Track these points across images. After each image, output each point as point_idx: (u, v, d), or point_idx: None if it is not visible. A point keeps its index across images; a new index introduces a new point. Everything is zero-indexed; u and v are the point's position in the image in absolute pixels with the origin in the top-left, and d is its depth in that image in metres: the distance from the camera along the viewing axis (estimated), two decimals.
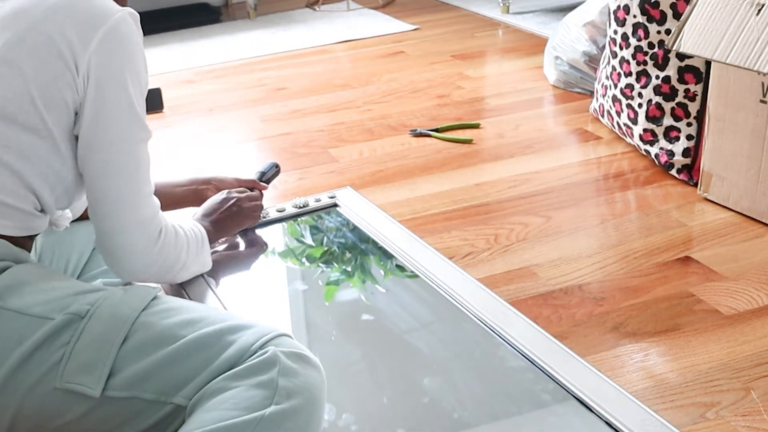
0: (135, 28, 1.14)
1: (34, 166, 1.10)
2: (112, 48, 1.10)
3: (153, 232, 1.18)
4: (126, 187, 1.14)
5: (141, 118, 1.15)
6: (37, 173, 1.10)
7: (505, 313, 1.38)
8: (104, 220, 1.15)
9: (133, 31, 1.14)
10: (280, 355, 0.97)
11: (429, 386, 1.28)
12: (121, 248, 1.16)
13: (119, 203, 1.14)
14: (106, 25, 1.09)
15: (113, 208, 1.14)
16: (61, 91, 1.09)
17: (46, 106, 1.08)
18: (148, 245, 1.17)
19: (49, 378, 0.96)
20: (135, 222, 1.15)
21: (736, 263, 1.57)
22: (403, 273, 1.56)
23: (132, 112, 1.13)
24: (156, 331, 1.00)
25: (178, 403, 0.96)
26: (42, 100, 1.08)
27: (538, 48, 2.94)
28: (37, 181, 1.10)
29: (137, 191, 1.15)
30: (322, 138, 2.31)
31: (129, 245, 1.16)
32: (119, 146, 1.13)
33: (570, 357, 1.26)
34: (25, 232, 1.11)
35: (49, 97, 1.08)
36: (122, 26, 1.11)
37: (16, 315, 0.99)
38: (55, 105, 1.09)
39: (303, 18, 3.69)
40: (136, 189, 1.15)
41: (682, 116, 1.91)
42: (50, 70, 1.08)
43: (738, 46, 1.57)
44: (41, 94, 1.08)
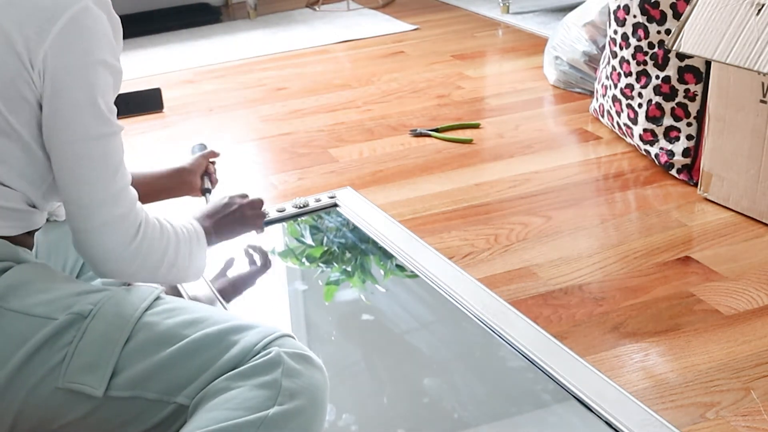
0: (101, 17, 1.07)
1: (11, 168, 1.06)
2: (70, 41, 1.03)
3: (128, 230, 1.10)
4: (93, 186, 1.07)
5: (104, 112, 1.07)
6: (16, 174, 1.07)
7: (505, 313, 1.38)
8: (74, 221, 1.10)
9: (97, 21, 1.06)
10: (283, 356, 0.97)
11: (429, 386, 1.28)
12: (93, 248, 1.10)
13: (87, 202, 1.08)
14: (64, 17, 1.02)
15: (81, 208, 1.08)
16: (20, 89, 1.03)
17: (8, 107, 1.03)
18: (121, 245, 1.10)
19: (52, 378, 0.96)
20: (105, 221, 1.08)
21: (736, 263, 1.57)
22: (403, 273, 1.56)
23: (93, 107, 1.06)
24: (159, 331, 0.99)
25: (181, 402, 0.96)
26: (4, 102, 1.03)
27: (538, 48, 2.94)
28: (18, 182, 1.07)
29: (105, 189, 1.08)
30: (322, 138, 2.31)
31: (101, 245, 1.09)
32: (82, 143, 1.06)
33: (570, 357, 1.26)
34: (24, 229, 1.10)
35: (9, 98, 1.03)
36: (83, 17, 1.04)
37: (18, 315, 0.99)
38: (17, 105, 1.04)
39: (303, 18, 3.69)
40: (103, 186, 1.08)
41: (682, 116, 1.91)
42: (7, 70, 1.02)
43: (738, 46, 1.57)
44: (2, 95, 1.03)
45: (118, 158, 1.10)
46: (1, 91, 1.03)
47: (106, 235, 1.08)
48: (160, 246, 1.16)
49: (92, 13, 1.05)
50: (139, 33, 3.42)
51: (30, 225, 1.11)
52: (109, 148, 1.09)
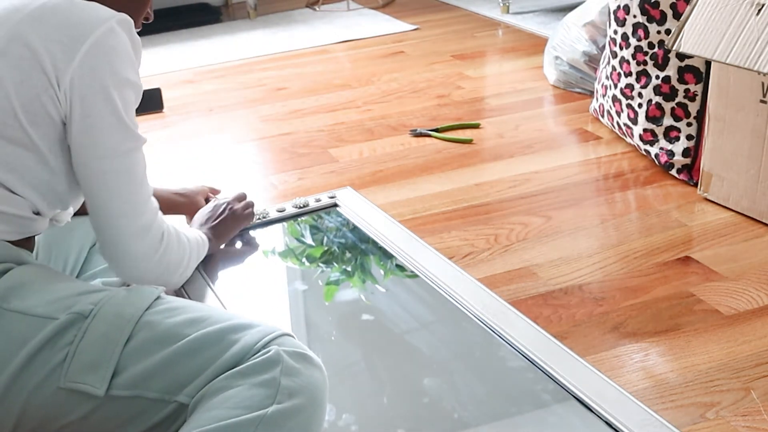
0: (123, 37, 1.12)
1: (22, 177, 1.09)
2: (96, 62, 1.08)
3: (154, 238, 1.19)
4: (122, 198, 1.14)
5: (130, 127, 1.13)
6: (26, 184, 1.10)
7: (505, 313, 1.38)
8: (104, 231, 1.16)
9: (120, 41, 1.11)
10: (282, 355, 0.97)
11: (429, 386, 1.28)
12: (123, 256, 1.17)
13: (117, 213, 1.14)
14: (91, 38, 1.07)
15: (111, 219, 1.15)
16: (45, 105, 1.07)
17: (29, 120, 1.07)
18: (149, 251, 1.18)
19: (54, 378, 0.97)
20: (135, 231, 1.16)
21: (736, 263, 1.57)
22: (403, 273, 1.56)
23: (120, 123, 1.11)
24: (160, 330, 1.00)
25: (182, 401, 0.97)
26: (25, 115, 1.07)
27: (538, 48, 2.94)
28: (27, 191, 1.10)
29: (134, 200, 1.15)
30: (322, 138, 2.31)
31: (131, 253, 1.17)
32: (111, 159, 1.12)
33: (570, 357, 1.26)
34: (26, 235, 1.11)
35: (32, 112, 1.07)
36: (108, 39, 1.09)
37: (19, 316, 0.99)
38: (39, 119, 1.08)
39: (303, 18, 3.69)
40: (132, 198, 1.15)
41: (682, 116, 1.91)
42: (33, 85, 1.06)
43: (738, 46, 1.57)
44: (24, 108, 1.06)
45: (142, 170, 1.17)
46: (24, 104, 1.07)
47: (134, 244, 1.16)
48: (179, 253, 1.25)
49: (116, 33, 1.10)
50: (140, 33, 3.41)
51: (32, 231, 1.13)
52: (136, 161, 1.15)
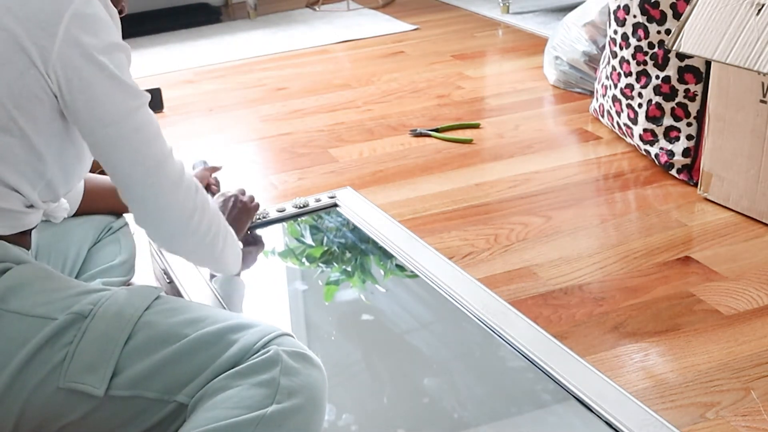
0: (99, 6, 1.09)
1: (10, 166, 1.06)
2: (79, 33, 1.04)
3: (189, 185, 1.12)
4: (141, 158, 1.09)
5: (130, 85, 1.09)
6: (14, 171, 1.07)
7: (505, 313, 1.38)
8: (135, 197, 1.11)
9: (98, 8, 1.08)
10: (282, 354, 0.97)
11: (429, 386, 1.28)
12: (164, 209, 1.11)
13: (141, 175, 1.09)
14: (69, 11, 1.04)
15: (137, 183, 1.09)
16: (29, 86, 1.04)
17: (14, 104, 1.04)
18: (188, 198, 1.12)
19: (53, 378, 0.97)
20: (170, 182, 1.10)
21: (736, 263, 1.57)
22: (403, 273, 1.56)
23: (118, 84, 1.07)
24: (159, 330, 1.00)
25: (181, 401, 0.96)
26: (9, 99, 1.04)
27: (538, 48, 2.94)
28: (15, 179, 1.07)
29: (154, 157, 1.09)
30: (322, 138, 2.31)
31: (172, 203, 1.11)
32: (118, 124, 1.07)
33: (570, 357, 1.26)
34: (18, 229, 1.10)
35: (17, 95, 1.04)
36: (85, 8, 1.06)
37: (18, 317, 0.99)
38: (24, 101, 1.05)
39: (303, 18, 3.69)
40: (152, 155, 1.09)
41: (682, 116, 1.91)
42: (14, 68, 1.03)
43: (738, 46, 1.57)
44: (8, 92, 1.04)
45: (155, 127, 1.12)
46: (9, 88, 1.03)
47: (172, 192, 1.11)
48: (214, 215, 1.17)
49: (92, 4, 1.07)
50: (139, 33, 3.42)
51: (25, 225, 1.11)
52: (145, 119, 1.10)
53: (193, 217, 1.13)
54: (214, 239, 1.18)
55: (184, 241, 1.14)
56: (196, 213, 1.13)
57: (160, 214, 1.12)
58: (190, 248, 1.16)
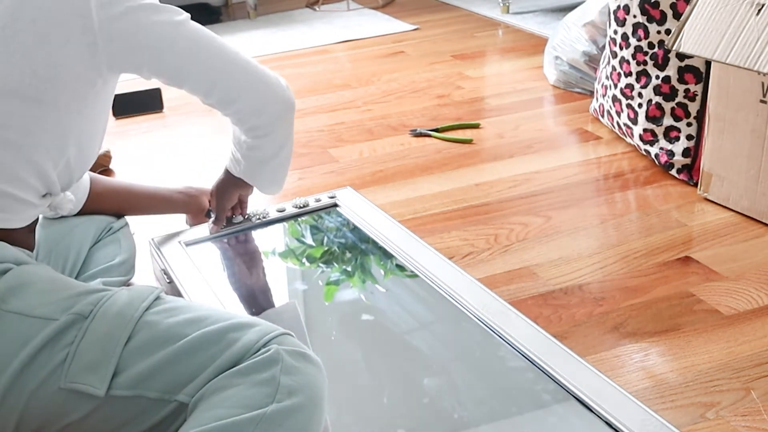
0: None
1: (37, 141, 1.10)
2: None
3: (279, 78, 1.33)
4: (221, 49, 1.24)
5: (169, 7, 1.20)
6: (41, 147, 1.11)
7: (505, 313, 1.38)
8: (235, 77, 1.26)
9: None
10: (282, 353, 0.97)
11: (429, 386, 1.28)
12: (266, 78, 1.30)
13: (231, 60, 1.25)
14: None
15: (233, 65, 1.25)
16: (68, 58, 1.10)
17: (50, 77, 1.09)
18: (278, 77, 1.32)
19: (54, 378, 0.97)
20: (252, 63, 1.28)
21: (736, 263, 1.57)
22: (403, 273, 1.55)
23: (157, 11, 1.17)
24: (160, 330, 1.00)
25: (182, 400, 0.97)
26: (47, 71, 1.08)
27: (538, 48, 2.94)
28: (40, 156, 1.11)
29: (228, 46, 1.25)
30: (322, 138, 2.31)
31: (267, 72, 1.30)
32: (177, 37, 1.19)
33: (570, 357, 1.26)
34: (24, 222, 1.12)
35: (53, 67, 1.09)
36: None
37: (19, 317, 0.99)
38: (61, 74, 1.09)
39: (303, 18, 3.69)
40: (226, 46, 1.25)
41: (682, 116, 1.91)
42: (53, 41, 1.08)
43: (738, 46, 1.57)
44: (46, 64, 1.08)
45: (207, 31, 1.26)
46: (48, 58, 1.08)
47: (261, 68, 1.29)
48: None
49: None
50: None
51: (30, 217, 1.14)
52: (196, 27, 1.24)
53: (286, 91, 1.33)
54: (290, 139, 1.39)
55: (285, 122, 1.35)
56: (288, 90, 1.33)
57: (264, 86, 1.30)
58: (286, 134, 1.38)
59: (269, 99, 1.31)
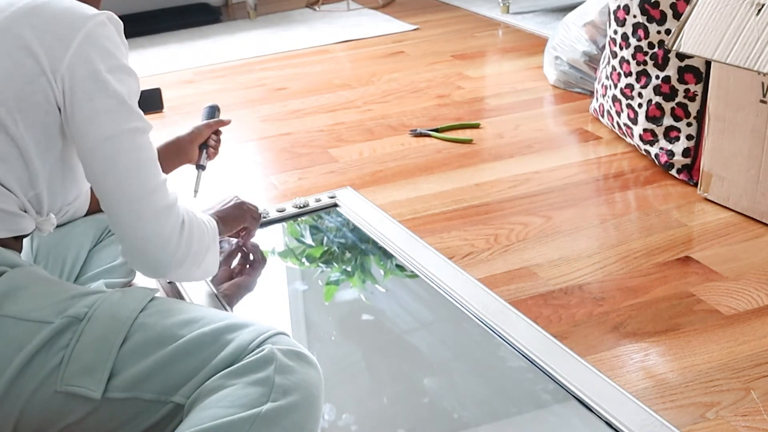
0: (114, 31, 1.12)
1: (10, 169, 1.07)
2: (92, 50, 1.07)
3: (176, 219, 1.12)
4: (135, 178, 1.09)
5: (134, 109, 1.10)
6: (10, 173, 1.07)
7: (505, 313, 1.38)
8: (122, 217, 1.10)
9: (112, 34, 1.11)
10: (276, 353, 0.97)
11: (429, 386, 1.28)
12: (147, 241, 1.10)
13: (134, 197, 1.09)
14: (85, 29, 1.07)
15: (129, 204, 1.09)
16: (37, 95, 1.06)
17: (20, 109, 1.05)
18: (174, 233, 1.11)
19: (50, 382, 0.96)
20: (155, 212, 1.10)
21: (736, 263, 1.57)
22: (403, 273, 1.56)
23: (122, 104, 1.08)
24: (155, 332, 1.00)
25: (178, 401, 0.97)
26: (16, 103, 1.05)
27: (538, 48, 2.94)
28: (10, 180, 1.07)
29: (148, 179, 1.10)
30: (322, 138, 2.31)
31: (155, 236, 1.10)
32: (117, 138, 1.08)
33: (570, 357, 1.26)
34: (14, 233, 1.09)
35: (23, 100, 1.05)
36: (101, 29, 1.09)
37: (14, 321, 0.98)
38: (29, 109, 1.06)
39: (303, 18, 3.69)
40: (146, 180, 1.10)
41: (682, 116, 1.91)
42: (25, 74, 1.05)
43: (738, 46, 1.57)
44: (15, 96, 1.05)
45: (153, 154, 1.13)
46: (18, 92, 1.06)
47: (160, 224, 1.10)
48: (201, 238, 1.18)
49: (107, 26, 1.11)
50: (139, 33, 3.42)
51: (19, 229, 1.10)
52: (144, 142, 1.11)
53: (176, 253, 1.13)
54: (195, 261, 1.17)
55: (164, 272, 1.15)
56: (180, 250, 1.13)
57: (142, 245, 1.11)
58: (171, 277, 1.18)
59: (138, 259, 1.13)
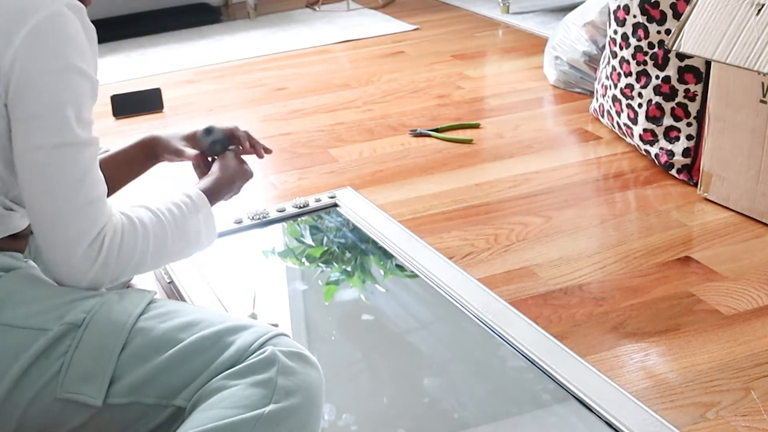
0: (74, 22, 1.01)
1: None
2: (39, 44, 0.97)
3: (91, 247, 1.01)
4: (53, 197, 0.99)
5: (69, 121, 0.98)
6: None
7: (505, 313, 1.38)
8: (38, 235, 1.02)
9: (69, 26, 0.99)
10: (278, 354, 0.97)
11: (429, 386, 1.28)
12: (55, 265, 1.01)
13: (49, 215, 0.99)
14: (34, 19, 0.97)
15: (43, 223, 1.00)
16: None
17: None
18: (84, 262, 1.00)
19: (49, 389, 0.96)
20: (66, 239, 0.99)
21: (736, 263, 1.57)
22: (403, 273, 1.56)
23: (56, 114, 0.98)
24: (154, 336, 0.99)
25: (179, 405, 0.96)
26: None
27: (538, 48, 2.94)
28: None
29: (66, 201, 0.99)
30: (322, 138, 2.31)
31: (63, 262, 1.01)
32: (46, 151, 0.98)
33: (570, 357, 1.26)
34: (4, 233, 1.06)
35: None
36: (54, 20, 0.98)
37: (11, 329, 0.97)
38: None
39: (303, 18, 3.69)
40: (64, 199, 0.99)
41: (682, 116, 1.91)
42: None
43: (738, 46, 1.57)
44: None
45: (82, 171, 1.00)
46: None
47: (68, 252, 1.00)
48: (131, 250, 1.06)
49: (64, 17, 0.99)
50: (139, 33, 3.42)
51: (11, 228, 1.07)
52: (73, 159, 1.00)
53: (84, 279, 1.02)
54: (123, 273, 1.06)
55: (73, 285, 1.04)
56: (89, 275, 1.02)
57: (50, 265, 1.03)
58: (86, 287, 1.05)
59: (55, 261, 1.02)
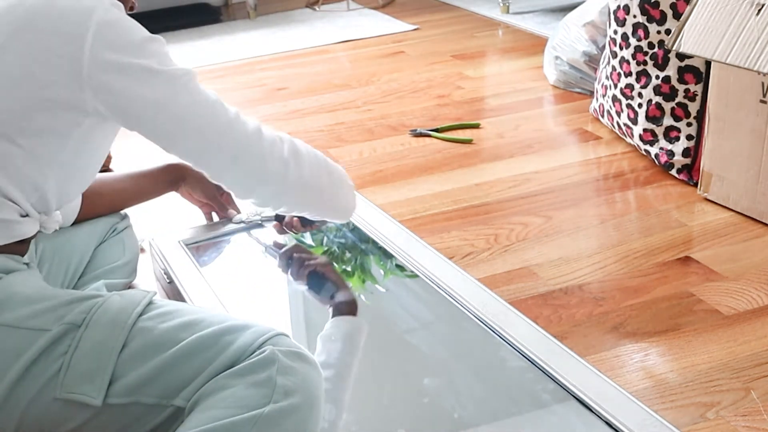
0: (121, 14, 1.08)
1: (8, 176, 1.05)
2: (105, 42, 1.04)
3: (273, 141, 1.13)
4: (204, 131, 1.09)
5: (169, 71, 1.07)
6: (11, 182, 1.05)
7: (505, 313, 1.38)
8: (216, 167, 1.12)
9: (120, 16, 1.08)
10: (278, 354, 0.97)
11: (429, 386, 1.28)
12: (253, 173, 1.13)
13: (211, 145, 1.10)
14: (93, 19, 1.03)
15: (214, 153, 1.10)
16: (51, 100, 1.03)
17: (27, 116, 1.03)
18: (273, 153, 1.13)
19: (49, 389, 0.96)
20: (240, 147, 1.11)
21: (736, 263, 1.57)
22: (403, 273, 1.55)
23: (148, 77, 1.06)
24: (154, 336, 0.99)
25: (179, 405, 0.96)
26: (25, 111, 1.03)
27: (538, 48, 2.94)
28: (11, 189, 1.06)
29: (219, 124, 1.10)
30: (322, 138, 2.31)
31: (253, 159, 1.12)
32: (166, 107, 1.07)
33: (570, 357, 1.26)
34: (15, 239, 1.08)
35: (33, 108, 1.03)
36: (108, 15, 1.05)
37: (11, 329, 0.98)
38: (39, 115, 1.03)
39: (303, 18, 3.69)
40: (214, 124, 1.09)
41: (682, 116, 1.91)
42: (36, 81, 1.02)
43: (738, 46, 1.57)
44: (24, 105, 1.02)
45: (205, 96, 1.11)
46: (27, 100, 1.03)
47: (252, 151, 1.12)
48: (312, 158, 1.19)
49: (113, 11, 1.07)
50: None
51: (21, 235, 1.09)
52: (191, 95, 1.09)
53: (288, 168, 1.15)
54: (319, 182, 1.19)
55: (289, 197, 1.17)
56: (291, 164, 1.15)
57: (253, 180, 1.14)
58: (299, 201, 1.20)
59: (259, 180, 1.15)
